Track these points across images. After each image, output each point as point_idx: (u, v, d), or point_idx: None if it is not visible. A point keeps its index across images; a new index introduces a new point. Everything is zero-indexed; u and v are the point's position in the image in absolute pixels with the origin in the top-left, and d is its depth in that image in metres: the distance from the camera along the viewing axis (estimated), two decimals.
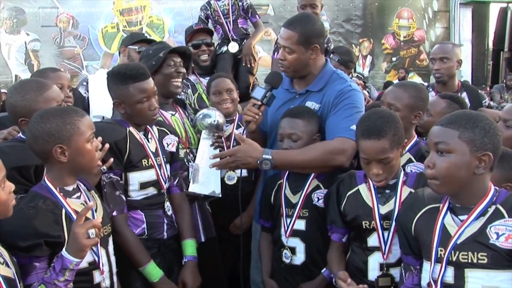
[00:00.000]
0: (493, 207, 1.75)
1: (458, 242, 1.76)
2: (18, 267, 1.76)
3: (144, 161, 2.47)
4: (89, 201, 2.06)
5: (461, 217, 1.79)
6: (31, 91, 2.22)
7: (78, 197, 2.04)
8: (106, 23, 11.92)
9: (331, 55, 4.15)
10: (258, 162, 2.38)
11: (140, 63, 2.74)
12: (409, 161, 2.42)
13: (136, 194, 2.48)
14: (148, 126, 2.57)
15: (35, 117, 1.97)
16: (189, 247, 2.59)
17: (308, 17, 2.68)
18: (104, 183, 2.38)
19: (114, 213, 2.37)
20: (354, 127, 2.33)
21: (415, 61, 12.90)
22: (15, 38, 11.88)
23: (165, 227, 2.54)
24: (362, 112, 2.53)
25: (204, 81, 3.85)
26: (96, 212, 2.08)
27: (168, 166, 2.61)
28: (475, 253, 1.73)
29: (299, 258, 2.51)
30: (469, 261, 1.74)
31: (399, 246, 2.04)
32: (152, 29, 12.09)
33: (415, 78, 12.15)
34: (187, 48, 3.34)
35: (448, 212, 1.83)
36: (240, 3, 4.50)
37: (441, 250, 1.79)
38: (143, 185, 2.48)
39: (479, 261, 1.72)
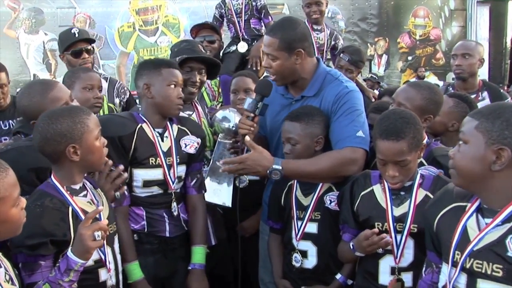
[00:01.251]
0: None
1: (475, 248, 1.61)
2: (23, 284, 1.75)
3: (152, 160, 2.42)
4: (95, 199, 2.05)
5: (487, 220, 1.62)
6: (37, 94, 2.22)
7: (85, 196, 2.03)
8: (122, 23, 11.97)
9: (341, 54, 4.08)
10: (268, 171, 2.33)
11: None
12: (420, 164, 2.29)
13: (139, 191, 2.44)
14: (168, 124, 2.51)
15: (43, 119, 1.96)
16: (197, 254, 2.53)
17: (289, 22, 2.57)
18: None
19: (113, 205, 2.33)
20: (360, 133, 2.30)
21: (431, 60, 12.70)
22: (34, 38, 12.00)
23: (167, 226, 2.49)
24: (363, 113, 2.47)
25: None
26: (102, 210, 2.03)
27: (182, 167, 2.54)
28: (490, 264, 1.57)
29: (311, 261, 2.44)
30: (483, 271, 1.58)
31: (425, 239, 1.92)
32: (167, 29, 12.11)
33: (431, 77, 12.02)
34: (209, 58, 3.16)
35: (474, 214, 1.66)
36: (254, 3, 4.46)
37: (457, 254, 1.65)
38: (147, 183, 2.44)
39: (493, 273, 1.56)
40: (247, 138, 2.38)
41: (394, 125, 2.04)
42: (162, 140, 2.47)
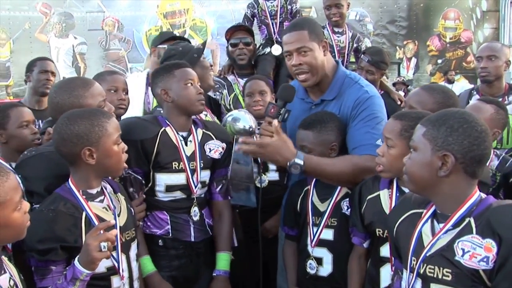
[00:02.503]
0: (468, 219, 1.60)
1: (428, 254, 1.64)
2: None
3: (175, 164, 2.39)
4: (113, 204, 2.03)
5: (441, 226, 1.66)
6: (78, 88, 2.19)
7: (101, 201, 2.01)
8: (150, 26, 12.13)
9: (362, 55, 4.01)
10: (288, 164, 2.24)
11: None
12: None
13: (162, 195, 2.42)
14: (192, 127, 2.49)
15: (63, 119, 1.95)
16: (222, 261, 2.51)
17: (308, 18, 2.58)
18: (122, 176, 2.35)
19: (132, 211, 2.32)
20: (379, 141, 2.23)
21: (462, 63, 12.51)
22: (64, 42, 12.27)
23: (192, 230, 2.46)
24: (384, 120, 2.39)
25: (242, 81, 3.77)
26: (119, 216, 2.03)
27: (206, 172, 2.51)
28: (441, 268, 1.60)
29: (326, 269, 2.39)
30: (435, 275, 1.61)
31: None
32: (195, 32, 12.22)
33: (461, 81, 11.80)
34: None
35: (430, 220, 1.70)
36: (289, 6, 4.44)
37: (414, 260, 1.68)
38: (169, 188, 2.41)
39: (444, 277, 1.60)
40: (275, 122, 2.26)
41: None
42: (186, 144, 2.44)
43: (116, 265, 1.98)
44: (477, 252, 1.54)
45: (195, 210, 2.47)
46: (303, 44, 2.43)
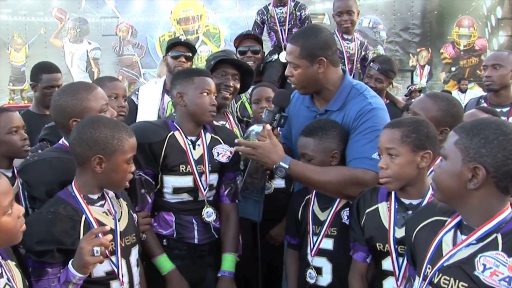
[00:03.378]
0: (495, 235, 1.51)
1: (445, 264, 1.56)
2: None
3: (182, 167, 2.44)
4: (113, 209, 2.05)
5: (464, 237, 1.58)
6: (81, 90, 2.22)
7: (102, 205, 2.03)
8: (163, 32, 12.23)
9: (371, 63, 4.00)
10: (274, 167, 2.31)
11: None
12: None
13: (169, 197, 2.47)
14: (201, 132, 2.54)
15: (88, 120, 1.99)
16: (227, 262, 2.53)
17: (311, 29, 2.53)
18: (133, 178, 2.38)
19: (136, 208, 2.40)
20: (375, 155, 2.21)
21: (476, 71, 12.37)
22: (78, 47, 12.43)
23: (196, 232, 2.50)
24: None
25: (249, 89, 3.79)
26: (119, 221, 2.05)
27: (214, 175, 2.54)
28: (457, 281, 1.52)
29: (325, 279, 2.37)
30: (449, 287, 1.54)
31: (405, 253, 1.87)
32: (208, 38, 12.28)
33: (475, 89, 11.69)
34: (244, 63, 3.20)
35: (453, 229, 1.62)
36: (298, 13, 4.45)
37: (429, 268, 1.61)
38: (176, 190, 2.46)
39: None
40: (268, 126, 2.36)
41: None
42: (194, 148, 2.49)
43: (116, 270, 1.99)
44: (500, 270, 1.46)
45: (207, 211, 2.51)
46: (292, 60, 2.45)
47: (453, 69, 12.49)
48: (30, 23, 12.66)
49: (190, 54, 3.76)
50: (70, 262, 1.81)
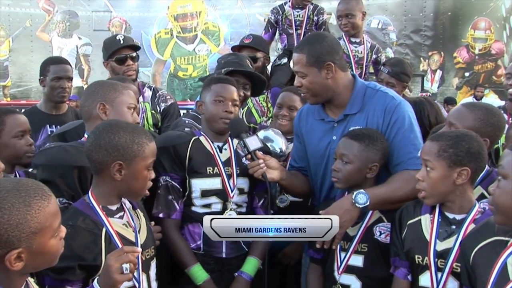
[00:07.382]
0: None
1: None
2: None
3: (209, 169, 2.56)
4: (133, 221, 2.07)
5: None
6: (117, 83, 2.44)
7: (121, 217, 2.05)
8: (159, 29, 12.22)
9: (382, 67, 4.05)
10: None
11: None
12: (482, 196, 2.23)
13: (198, 202, 2.55)
14: (228, 138, 2.65)
15: (105, 125, 2.01)
16: (249, 264, 2.61)
17: (315, 36, 2.66)
18: (160, 184, 2.52)
19: (161, 215, 2.49)
20: (419, 153, 2.26)
21: (492, 77, 12.41)
22: (67, 42, 12.38)
23: (224, 247, 2.57)
24: (416, 125, 2.52)
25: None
26: (139, 233, 2.08)
27: (243, 179, 2.62)
28: None
29: None
30: None
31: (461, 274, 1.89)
32: (207, 36, 12.28)
33: (490, 96, 11.75)
34: (256, 74, 3.29)
35: None
36: (316, 17, 4.51)
37: None
38: (205, 193, 2.55)
39: None
40: (260, 160, 2.45)
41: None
42: (221, 152, 2.61)
43: (137, 285, 2.01)
44: None
45: (229, 214, 2.56)
46: (299, 69, 2.54)
47: (466, 74, 12.51)
48: (14, 14, 12.54)
49: (134, 54, 3.66)
50: (96, 280, 1.78)
